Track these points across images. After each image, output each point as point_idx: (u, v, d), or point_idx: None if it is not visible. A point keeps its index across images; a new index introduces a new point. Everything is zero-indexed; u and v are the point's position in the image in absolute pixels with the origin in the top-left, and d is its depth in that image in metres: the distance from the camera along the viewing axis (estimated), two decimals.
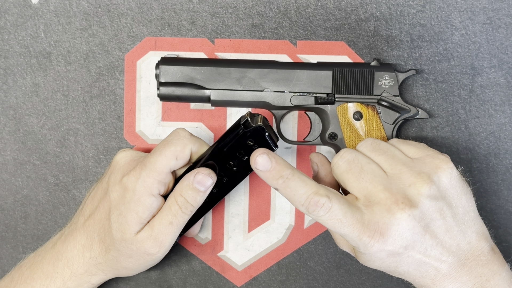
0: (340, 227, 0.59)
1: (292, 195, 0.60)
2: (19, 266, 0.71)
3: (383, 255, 0.60)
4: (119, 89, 0.75)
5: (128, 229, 0.66)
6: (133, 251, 0.67)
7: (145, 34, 0.75)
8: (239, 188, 0.75)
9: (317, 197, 0.59)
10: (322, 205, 0.59)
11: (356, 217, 0.59)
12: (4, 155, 0.76)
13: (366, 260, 0.62)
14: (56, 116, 0.76)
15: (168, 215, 0.66)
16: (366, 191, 0.61)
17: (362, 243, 0.59)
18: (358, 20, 0.73)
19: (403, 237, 0.59)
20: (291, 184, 0.60)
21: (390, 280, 0.75)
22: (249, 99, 0.71)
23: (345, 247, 0.66)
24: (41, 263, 0.69)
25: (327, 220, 0.60)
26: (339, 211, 0.59)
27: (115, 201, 0.66)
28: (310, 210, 0.60)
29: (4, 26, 0.75)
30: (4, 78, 0.75)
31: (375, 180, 0.61)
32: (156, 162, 0.65)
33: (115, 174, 0.68)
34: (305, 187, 0.60)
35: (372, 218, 0.60)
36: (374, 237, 0.59)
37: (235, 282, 0.76)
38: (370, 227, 0.59)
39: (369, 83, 0.70)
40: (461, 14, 0.73)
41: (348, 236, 0.60)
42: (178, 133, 0.67)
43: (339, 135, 0.71)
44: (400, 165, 0.62)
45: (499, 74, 0.73)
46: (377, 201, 0.60)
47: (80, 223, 0.69)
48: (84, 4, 0.75)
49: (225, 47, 0.74)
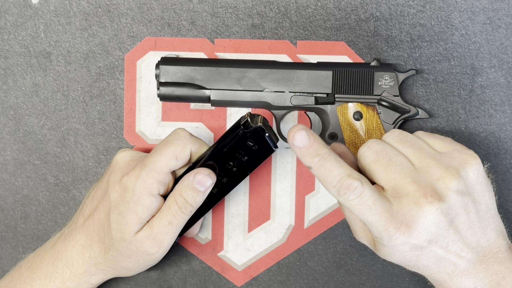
0: (368, 214, 0.59)
1: (325, 175, 0.59)
2: (18, 266, 0.71)
3: (406, 248, 0.60)
4: (119, 89, 0.75)
5: (128, 229, 0.66)
6: (132, 251, 0.67)
7: (145, 34, 0.75)
8: (239, 188, 0.75)
9: (350, 180, 0.58)
10: (354, 189, 0.58)
11: (385, 206, 0.59)
12: (4, 155, 0.76)
13: (386, 253, 0.61)
14: (56, 116, 0.76)
15: (167, 215, 0.66)
16: (394, 182, 0.60)
17: (387, 234, 0.59)
18: (358, 20, 0.73)
19: (428, 231, 0.59)
20: (326, 163, 0.59)
21: (390, 280, 0.75)
22: (249, 99, 0.71)
23: (363, 239, 0.64)
24: (41, 263, 0.69)
25: (356, 205, 0.59)
26: (369, 198, 0.58)
27: (115, 201, 0.66)
28: (341, 193, 0.58)
29: (4, 26, 0.75)
30: (4, 78, 0.75)
31: (403, 172, 0.60)
32: (156, 162, 0.66)
33: (115, 174, 0.68)
34: (339, 168, 0.59)
35: (399, 209, 0.59)
36: (400, 228, 0.58)
37: (235, 282, 0.76)
38: (397, 218, 0.59)
39: (369, 83, 0.70)
40: (461, 14, 0.73)
41: (374, 225, 0.59)
42: (178, 133, 0.67)
43: (339, 135, 0.71)
44: (428, 158, 0.61)
45: (499, 74, 0.73)
46: (405, 193, 0.59)
47: (79, 223, 0.69)
48: (84, 4, 0.75)
49: (225, 47, 0.74)
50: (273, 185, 0.75)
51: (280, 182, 0.75)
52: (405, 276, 0.75)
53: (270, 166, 0.75)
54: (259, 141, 0.66)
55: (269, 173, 0.75)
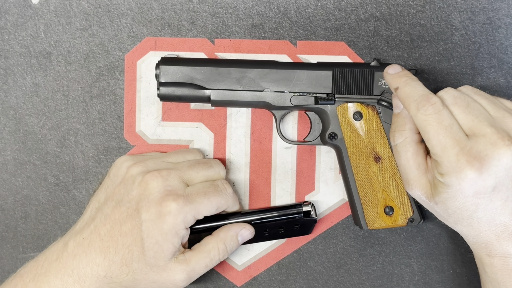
0: (444, 134, 0.60)
1: (409, 91, 0.63)
2: (20, 275, 0.69)
3: (470, 192, 0.59)
4: (119, 89, 0.75)
5: (164, 257, 0.68)
6: (160, 277, 0.69)
7: (145, 34, 0.75)
8: (239, 188, 0.76)
9: (431, 95, 0.62)
10: (433, 103, 0.61)
11: (460, 135, 0.60)
12: (4, 155, 0.76)
13: (447, 197, 0.61)
14: (56, 116, 0.76)
15: (206, 258, 0.70)
16: (472, 123, 0.61)
17: (458, 167, 0.59)
18: (358, 20, 0.73)
19: (498, 175, 0.59)
20: (412, 82, 0.64)
21: (390, 280, 0.75)
22: (249, 99, 0.71)
23: (417, 188, 0.64)
24: (46, 276, 0.68)
25: (433, 122, 0.60)
26: (447, 118, 0.60)
27: (149, 230, 0.67)
28: (420, 106, 0.61)
29: (5, 26, 0.75)
30: (4, 78, 0.75)
31: (481, 115, 0.61)
32: (202, 204, 0.68)
33: (150, 204, 0.68)
34: (424, 88, 0.63)
35: (475, 146, 0.59)
36: (472, 163, 0.59)
37: (235, 282, 0.76)
38: (471, 153, 0.59)
39: (369, 83, 0.70)
40: (461, 14, 0.73)
41: (447, 150, 0.59)
42: (226, 188, 0.71)
43: (339, 135, 0.71)
44: (502, 110, 0.62)
45: (499, 74, 0.73)
46: (483, 134, 0.60)
47: (95, 243, 0.68)
48: (84, 4, 0.75)
49: (225, 47, 0.74)
50: (273, 185, 0.76)
51: (280, 182, 0.75)
52: (405, 276, 0.75)
53: (270, 166, 0.75)
54: (304, 227, 0.74)
55: (269, 173, 0.75)
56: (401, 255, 0.75)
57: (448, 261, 0.75)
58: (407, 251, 0.75)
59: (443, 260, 0.75)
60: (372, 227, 0.71)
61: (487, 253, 0.62)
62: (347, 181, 0.71)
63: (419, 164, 0.64)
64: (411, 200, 0.71)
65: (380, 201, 0.71)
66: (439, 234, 0.75)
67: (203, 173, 0.71)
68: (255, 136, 0.75)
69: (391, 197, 0.71)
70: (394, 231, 0.75)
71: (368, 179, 0.71)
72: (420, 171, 0.64)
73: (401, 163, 0.65)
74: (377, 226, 0.71)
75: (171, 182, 0.68)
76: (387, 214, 0.71)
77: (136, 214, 0.68)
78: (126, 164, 0.71)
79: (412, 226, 0.75)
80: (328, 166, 0.75)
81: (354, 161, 0.71)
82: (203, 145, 0.75)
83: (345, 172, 0.71)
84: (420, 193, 0.64)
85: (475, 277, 0.75)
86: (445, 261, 0.75)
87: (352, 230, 0.75)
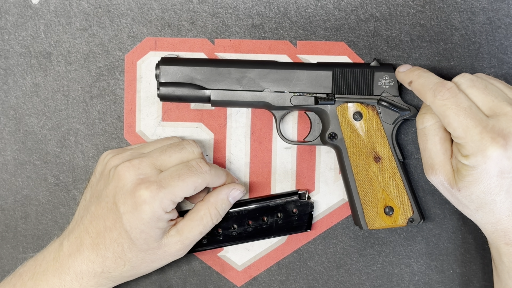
0: (465, 116, 0.60)
1: (423, 82, 0.64)
2: (19, 274, 0.70)
3: (495, 171, 0.60)
4: (119, 89, 0.75)
5: (154, 241, 0.68)
6: (157, 255, 0.69)
7: (145, 34, 0.75)
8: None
9: (446, 81, 0.63)
10: (449, 88, 0.62)
11: (480, 116, 0.60)
12: (4, 155, 0.76)
13: (471, 181, 0.61)
14: (56, 116, 0.76)
15: (199, 225, 0.70)
16: (492, 103, 0.62)
17: (482, 145, 0.59)
18: (358, 20, 0.73)
19: None
20: (425, 74, 0.66)
21: (390, 280, 0.75)
22: (249, 99, 0.71)
23: (442, 173, 0.65)
24: (45, 274, 0.69)
25: (451, 105, 0.61)
26: (464, 100, 0.61)
27: (131, 222, 0.67)
28: (437, 92, 0.62)
29: (5, 26, 0.75)
30: (5, 78, 0.76)
31: (500, 96, 0.62)
32: (176, 187, 0.67)
33: (125, 196, 0.67)
34: (437, 77, 0.65)
35: (497, 124, 0.60)
36: (497, 140, 0.59)
37: (235, 282, 0.77)
38: (494, 130, 0.60)
39: (369, 83, 0.70)
40: (461, 14, 0.73)
41: (470, 131, 0.60)
42: (200, 167, 0.68)
43: (339, 135, 0.71)
44: None
45: (499, 74, 0.73)
46: (504, 113, 0.61)
47: (86, 241, 0.68)
48: (84, 4, 0.75)
49: (225, 47, 0.74)
50: (273, 185, 0.76)
51: (280, 182, 0.75)
52: (405, 276, 0.75)
53: (270, 166, 0.75)
54: (301, 215, 0.73)
55: (269, 173, 0.75)
56: (401, 255, 0.75)
57: (448, 261, 0.75)
58: (407, 251, 0.75)
59: (443, 260, 0.75)
60: (372, 227, 0.71)
61: (505, 241, 0.62)
62: (347, 181, 0.71)
63: (446, 149, 0.65)
64: (411, 200, 0.71)
65: (380, 201, 0.71)
66: (439, 234, 0.75)
67: (176, 156, 0.69)
68: (255, 136, 0.75)
69: (391, 197, 0.71)
70: (394, 231, 0.75)
71: (368, 179, 0.71)
72: (446, 156, 0.64)
73: (427, 147, 0.65)
74: (377, 226, 0.71)
75: (143, 170, 0.67)
76: (387, 214, 0.71)
77: (115, 208, 0.67)
78: (107, 159, 0.71)
79: (412, 226, 0.75)
80: (328, 166, 0.75)
81: (354, 161, 0.71)
82: (203, 145, 0.75)
83: (345, 172, 0.71)
84: (444, 178, 0.64)
85: (475, 277, 0.75)
86: (445, 261, 0.75)
87: (352, 230, 0.75)
